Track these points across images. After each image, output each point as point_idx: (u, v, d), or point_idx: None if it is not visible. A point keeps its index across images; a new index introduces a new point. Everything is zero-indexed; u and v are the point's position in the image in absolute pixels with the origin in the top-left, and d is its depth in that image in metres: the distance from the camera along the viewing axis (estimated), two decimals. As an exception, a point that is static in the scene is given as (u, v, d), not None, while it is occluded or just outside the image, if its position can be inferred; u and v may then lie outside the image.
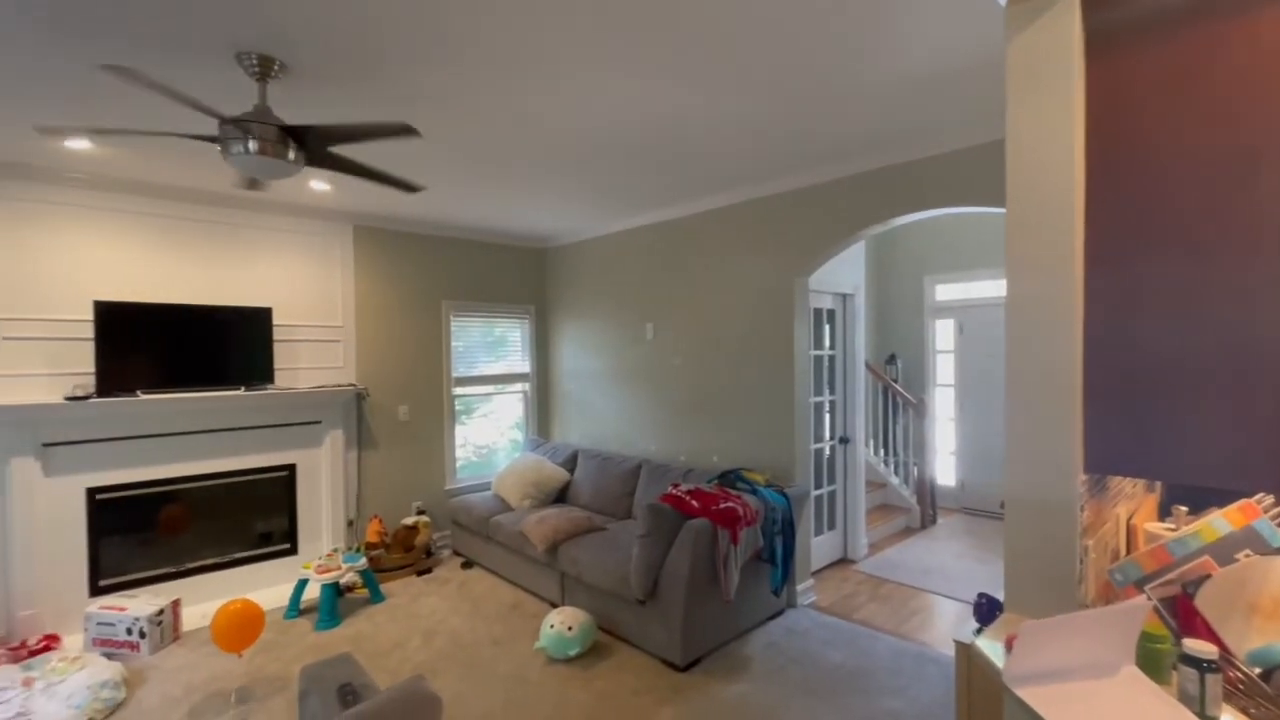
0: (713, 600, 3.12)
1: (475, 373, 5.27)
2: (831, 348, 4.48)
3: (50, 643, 3.22)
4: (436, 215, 4.52)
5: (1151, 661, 1.27)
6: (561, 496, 4.68)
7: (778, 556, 3.36)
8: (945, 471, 6.04)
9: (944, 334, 6.12)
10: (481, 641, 3.36)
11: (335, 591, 3.63)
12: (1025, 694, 1.18)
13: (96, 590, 3.51)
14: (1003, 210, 2.77)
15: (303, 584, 3.73)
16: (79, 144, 2.96)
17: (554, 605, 3.76)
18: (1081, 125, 1.46)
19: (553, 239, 5.47)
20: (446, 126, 2.80)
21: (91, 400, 3.37)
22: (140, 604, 3.31)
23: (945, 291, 6.08)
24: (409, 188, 2.66)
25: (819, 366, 4.35)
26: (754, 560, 3.28)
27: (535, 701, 2.79)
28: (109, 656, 3.10)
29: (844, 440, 4.52)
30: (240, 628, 2.86)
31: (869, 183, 3.35)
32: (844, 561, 4.51)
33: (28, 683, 2.77)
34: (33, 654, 3.11)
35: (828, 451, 4.46)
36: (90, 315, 3.46)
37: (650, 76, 2.29)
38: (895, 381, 5.94)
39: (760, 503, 3.31)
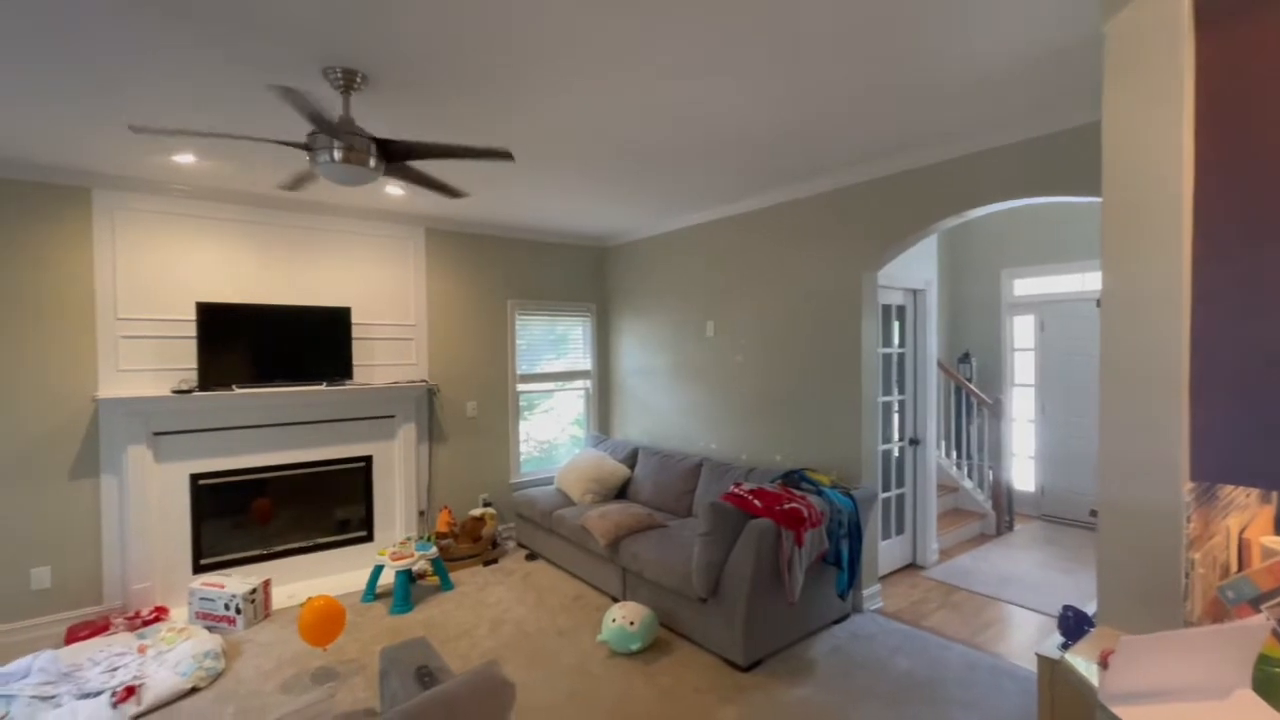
0: (776, 601, 3.08)
1: (537, 370, 5.39)
2: (901, 345, 4.32)
3: (160, 614, 3.52)
4: (503, 217, 4.66)
5: (1271, 687, 1.16)
6: (622, 492, 4.73)
7: (844, 560, 3.28)
8: (1023, 476, 5.72)
9: (1023, 331, 5.79)
10: (546, 632, 3.44)
11: (408, 578, 3.80)
12: (1124, 713, 1.11)
13: (198, 568, 3.81)
14: (1094, 199, 2.61)
15: (378, 570, 3.93)
16: (185, 158, 3.21)
17: (615, 599, 3.80)
18: (1190, 106, 1.35)
19: (613, 237, 5.52)
20: (517, 132, 2.87)
21: (194, 394, 3.65)
22: (236, 582, 3.57)
23: (1024, 286, 5.75)
24: (454, 193, 2.77)
25: (887, 365, 4.21)
26: (819, 563, 3.22)
27: (599, 693, 2.83)
28: (209, 629, 3.36)
29: (914, 441, 4.36)
30: (324, 624, 3.04)
31: (943, 173, 3.21)
32: (912, 567, 4.36)
33: (142, 650, 3.04)
34: (146, 624, 3.41)
35: (896, 453, 4.31)
36: (193, 315, 3.76)
37: (721, 74, 2.28)
38: (969, 381, 5.67)
39: (825, 504, 3.23)
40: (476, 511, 4.66)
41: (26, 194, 3.36)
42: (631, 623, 3.12)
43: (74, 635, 3.29)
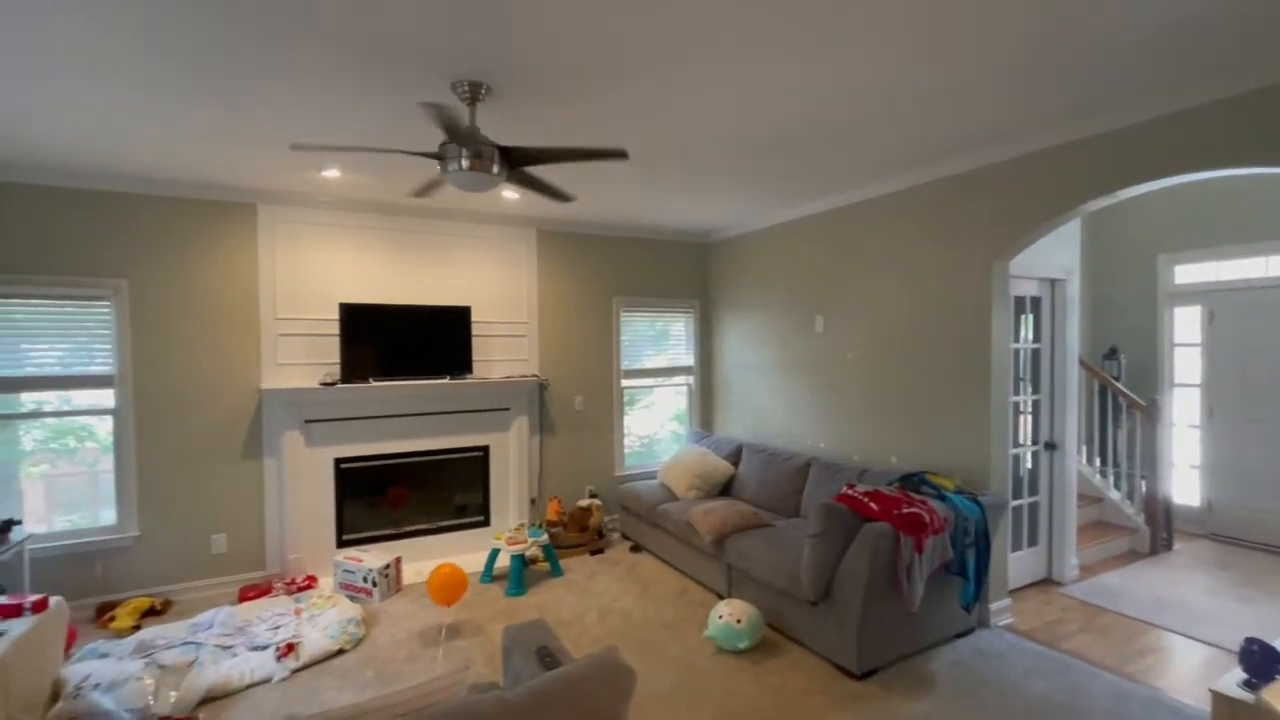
0: (893, 609, 2.93)
1: (640, 366, 5.47)
2: (1036, 340, 3.95)
3: (311, 582, 3.95)
4: (610, 216, 4.77)
5: None
6: (726, 490, 4.69)
7: (969, 570, 3.06)
8: (1186, 489, 5.04)
9: (1186, 323, 5.10)
10: (652, 623, 3.50)
11: (522, 563, 4.00)
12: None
13: (341, 543, 4.23)
14: (1288, 169, 2.24)
15: (495, 553, 4.16)
16: (331, 173, 3.56)
17: (720, 596, 3.79)
18: None
19: (717, 232, 5.48)
20: (631, 132, 2.93)
21: (337, 386, 4.06)
22: (372, 558, 3.93)
23: (1188, 273, 5.06)
24: (563, 198, 2.86)
25: (1020, 362, 3.86)
26: (941, 572, 3.02)
27: (705, 688, 2.83)
28: (351, 599, 3.72)
29: (1050, 446, 3.97)
30: (450, 587, 3.32)
31: (1090, 149, 2.89)
32: (1048, 582, 3.97)
33: (298, 612, 3.43)
34: (300, 590, 3.84)
35: (1029, 458, 3.95)
36: (336, 315, 4.17)
37: (848, 46, 2.15)
38: (1116, 380, 5.07)
39: (949, 510, 3.03)
40: (584, 502, 4.82)
41: (207, 212, 3.89)
42: (738, 620, 3.09)
43: (244, 595, 3.78)
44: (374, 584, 3.80)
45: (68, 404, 3.70)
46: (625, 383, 5.37)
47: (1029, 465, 3.96)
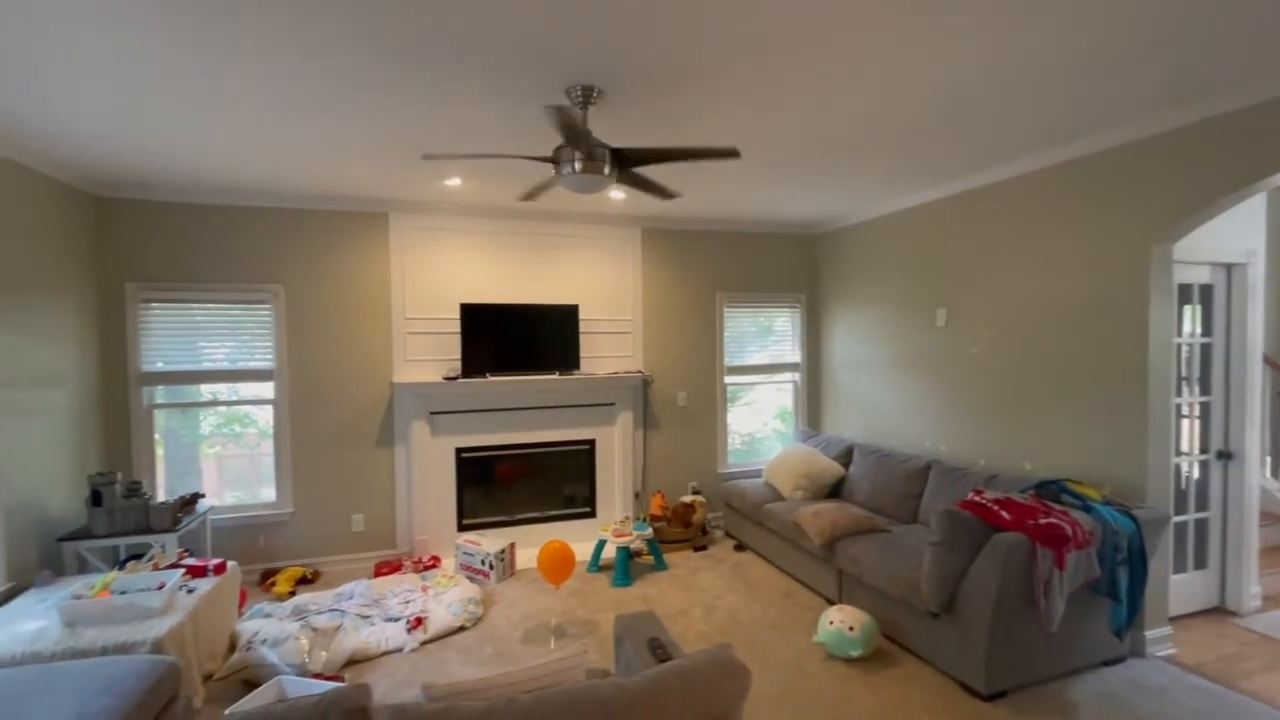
0: (1027, 627, 2.68)
1: (743, 362, 5.39)
2: (1206, 334, 3.46)
3: (435, 562, 4.26)
4: (714, 211, 4.73)
5: None
6: (835, 491, 4.51)
7: (1120, 591, 2.73)
8: (1406, 511, 4.20)
9: None
10: (759, 624, 3.44)
11: (628, 554, 4.07)
12: None
13: (461, 527, 4.53)
14: None
15: (601, 543, 4.27)
16: (453, 181, 3.81)
17: (830, 601, 3.65)
18: None
19: (826, 223, 5.27)
20: (741, 127, 2.89)
21: (458, 380, 4.34)
22: (489, 542, 4.16)
23: None
24: (667, 195, 2.85)
25: (1185, 359, 3.40)
26: (1086, 590, 2.72)
27: (815, 695, 2.75)
28: (470, 579, 3.97)
29: (1225, 455, 3.46)
30: (559, 564, 3.47)
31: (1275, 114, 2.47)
32: (1220, 611, 3.47)
33: (425, 589, 3.70)
34: (426, 568, 4.15)
35: (1195, 469, 3.46)
36: (457, 314, 4.45)
37: (989, 14, 1.96)
38: (1310, 380, 4.32)
39: (1096, 523, 2.72)
40: (687, 498, 4.83)
41: (348, 222, 4.29)
42: (851, 628, 2.97)
43: (379, 570, 4.14)
44: (491, 566, 4.03)
45: (235, 394, 4.24)
46: (728, 379, 5.31)
47: (1195, 476, 3.47)
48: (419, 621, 3.29)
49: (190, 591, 2.80)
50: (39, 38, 2.02)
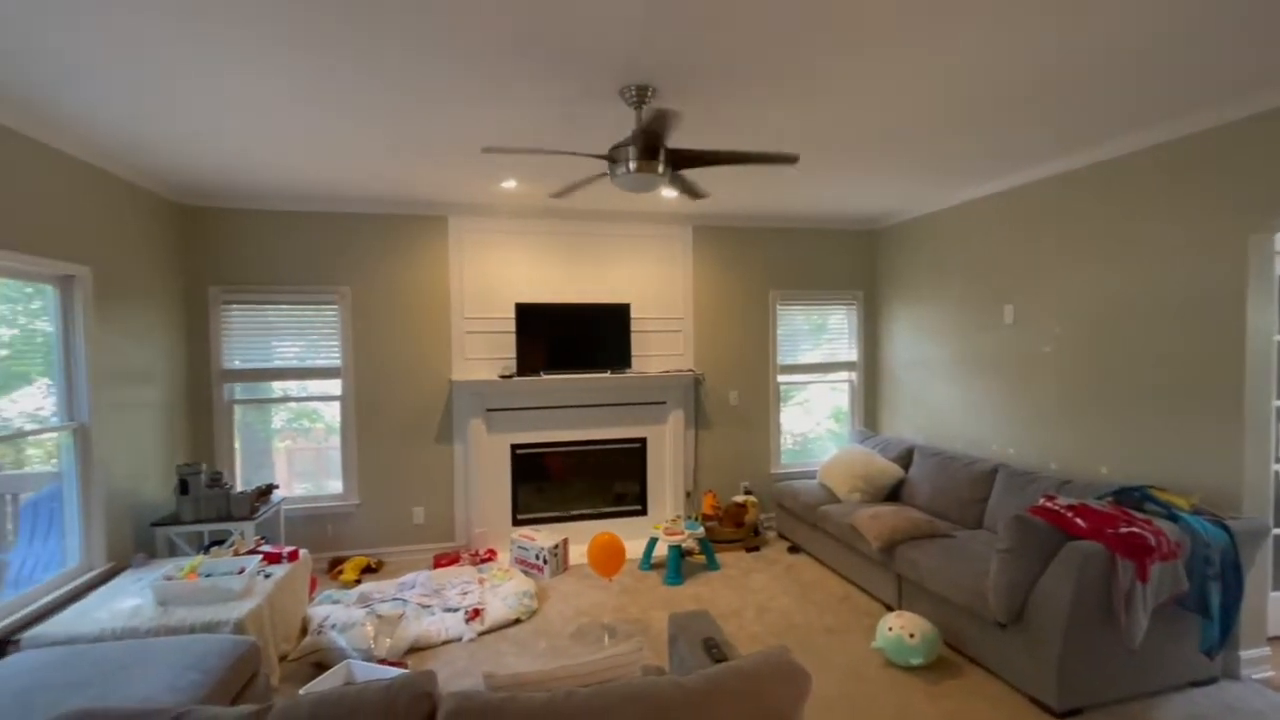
0: (1105, 642, 2.53)
1: (796, 360, 5.29)
2: (1309, 331, 3.17)
3: (491, 555, 4.37)
4: (767, 207, 4.66)
5: None
6: (894, 494, 4.38)
7: (1211, 607, 2.54)
8: None
9: None
10: (814, 627, 3.37)
11: (680, 553, 4.07)
12: None
13: (516, 521, 4.63)
14: None
15: (653, 541, 4.28)
16: (509, 184, 3.89)
17: (888, 607, 3.54)
18: None
19: (885, 218, 5.11)
20: (798, 121, 2.83)
21: (514, 379, 4.43)
22: (543, 537, 4.24)
23: None
24: (697, 194, 2.84)
25: (1284, 357, 3.13)
26: (1172, 605, 2.55)
27: (874, 702, 2.67)
28: (525, 573, 4.05)
29: (1331, 463, 3.17)
30: (610, 556, 3.50)
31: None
32: (1327, 634, 3.18)
33: (481, 582, 3.80)
34: (483, 561, 4.26)
35: (1298, 476, 3.18)
36: (512, 314, 4.54)
37: None
38: None
39: (1184, 533, 2.54)
40: (739, 498, 4.78)
41: (409, 225, 4.45)
42: (911, 635, 2.87)
43: (438, 562, 4.28)
44: (545, 561, 4.10)
45: (304, 391, 4.46)
46: (781, 378, 5.22)
47: (1299, 486, 3.19)
48: (476, 613, 3.39)
49: (267, 576, 2.97)
50: (183, 78, 2.32)
